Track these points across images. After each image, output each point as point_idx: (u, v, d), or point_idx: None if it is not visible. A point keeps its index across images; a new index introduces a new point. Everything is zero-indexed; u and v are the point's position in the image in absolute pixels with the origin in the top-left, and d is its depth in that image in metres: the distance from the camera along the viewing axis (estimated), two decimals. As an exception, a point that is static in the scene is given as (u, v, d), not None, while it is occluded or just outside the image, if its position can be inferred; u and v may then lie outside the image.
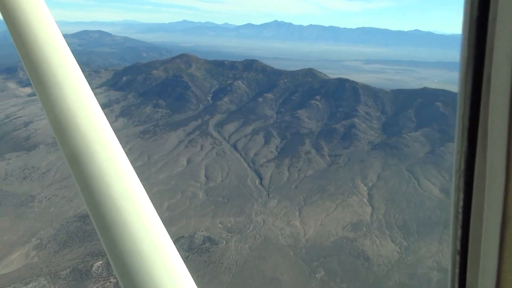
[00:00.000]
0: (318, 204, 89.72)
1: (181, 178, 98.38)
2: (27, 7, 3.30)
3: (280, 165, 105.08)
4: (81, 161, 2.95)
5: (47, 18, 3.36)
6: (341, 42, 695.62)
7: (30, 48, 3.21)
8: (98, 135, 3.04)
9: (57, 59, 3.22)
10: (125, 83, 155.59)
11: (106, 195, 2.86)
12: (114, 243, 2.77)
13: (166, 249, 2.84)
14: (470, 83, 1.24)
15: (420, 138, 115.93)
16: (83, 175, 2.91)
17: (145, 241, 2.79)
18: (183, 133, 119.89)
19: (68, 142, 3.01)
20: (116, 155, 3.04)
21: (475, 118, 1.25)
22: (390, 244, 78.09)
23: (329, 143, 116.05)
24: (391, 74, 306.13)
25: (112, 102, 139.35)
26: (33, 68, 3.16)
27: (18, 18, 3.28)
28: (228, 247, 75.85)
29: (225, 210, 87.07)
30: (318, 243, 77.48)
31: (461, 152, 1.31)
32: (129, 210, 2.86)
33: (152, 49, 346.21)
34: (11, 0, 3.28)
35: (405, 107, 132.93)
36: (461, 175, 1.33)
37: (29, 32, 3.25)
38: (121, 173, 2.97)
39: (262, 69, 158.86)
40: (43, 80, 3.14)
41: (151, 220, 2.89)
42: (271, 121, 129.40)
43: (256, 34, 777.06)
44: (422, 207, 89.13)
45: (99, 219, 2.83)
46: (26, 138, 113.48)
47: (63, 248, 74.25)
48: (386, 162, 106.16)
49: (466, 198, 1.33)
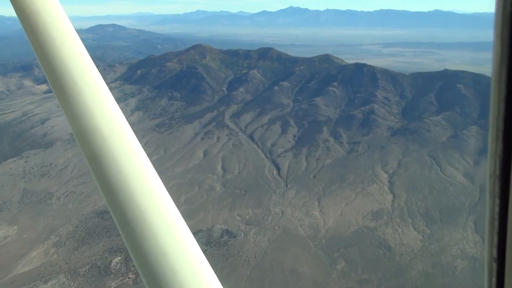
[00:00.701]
0: (337, 193, 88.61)
1: (198, 170, 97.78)
2: (41, 6, 3.38)
3: (298, 154, 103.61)
4: (101, 161, 3.05)
5: (61, 16, 3.44)
6: (358, 26, 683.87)
7: (45, 47, 3.28)
8: (116, 133, 3.14)
9: (72, 58, 3.30)
10: (139, 76, 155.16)
11: (126, 193, 2.96)
12: (137, 242, 2.88)
13: (188, 246, 2.94)
14: (504, 83, 1.21)
15: (442, 122, 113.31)
16: (104, 174, 3.03)
17: (167, 239, 2.88)
18: (199, 125, 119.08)
19: (87, 141, 3.10)
20: (135, 153, 3.13)
21: (510, 120, 1.22)
22: (412, 232, 76.64)
23: (348, 131, 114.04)
24: (411, 57, 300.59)
25: (128, 97, 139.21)
26: (50, 69, 3.25)
27: (32, 16, 3.35)
28: (246, 239, 75.32)
29: (243, 202, 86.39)
30: (338, 233, 76.52)
31: (496, 155, 1.29)
32: (150, 208, 2.95)
33: (166, 40, 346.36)
34: (25, 0, 3.36)
35: (425, 90, 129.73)
36: (496, 180, 1.30)
37: (44, 31, 3.32)
38: (141, 170, 3.07)
39: (277, 57, 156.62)
40: (60, 82, 3.23)
41: (173, 217, 2.99)
42: (288, 110, 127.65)
43: (271, 21, 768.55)
44: (445, 194, 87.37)
45: (121, 218, 2.95)
46: (43, 135, 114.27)
47: (82, 245, 74.75)
48: (407, 148, 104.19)
49: (503, 203, 1.30)
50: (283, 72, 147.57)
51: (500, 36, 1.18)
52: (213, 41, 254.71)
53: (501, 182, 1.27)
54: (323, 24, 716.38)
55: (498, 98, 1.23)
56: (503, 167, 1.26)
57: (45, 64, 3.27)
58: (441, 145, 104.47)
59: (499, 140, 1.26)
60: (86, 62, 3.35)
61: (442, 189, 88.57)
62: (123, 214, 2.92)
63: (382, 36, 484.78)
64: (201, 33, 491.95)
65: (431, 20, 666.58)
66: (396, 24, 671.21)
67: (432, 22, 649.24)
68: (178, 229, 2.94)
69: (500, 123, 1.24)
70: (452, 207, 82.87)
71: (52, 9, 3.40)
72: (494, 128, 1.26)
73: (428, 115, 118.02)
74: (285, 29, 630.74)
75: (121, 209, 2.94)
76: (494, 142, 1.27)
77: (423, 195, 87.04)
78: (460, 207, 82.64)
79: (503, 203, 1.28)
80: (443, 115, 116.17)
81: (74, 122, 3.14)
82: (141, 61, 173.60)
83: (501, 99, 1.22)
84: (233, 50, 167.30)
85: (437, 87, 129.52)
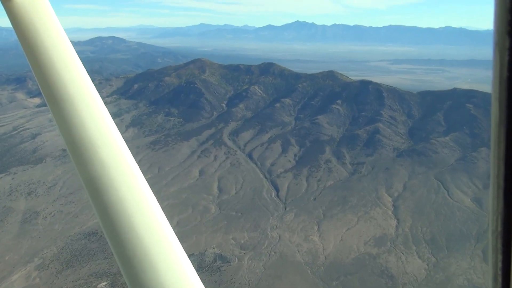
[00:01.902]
0: (338, 217, 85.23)
1: (192, 191, 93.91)
2: (37, 18, 3.40)
3: (298, 175, 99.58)
4: (93, 174, 3.08)
5: (56, 28, 3.47)
6: (367, 42, 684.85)
7: (40, 60, 3.32)
8: (109, 148, 3.18)
9: (67, 71, 3.32)
10: (136, 91, 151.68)
11: (121, 212, 2.99)
12: (131, 264, 2.90)
13: (183, 268, 3.04)
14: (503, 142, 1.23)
15: (450, 144, 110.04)
16: (96, 188, 3.06)
17: (162, 261, 2.94)
18: (196, 143, 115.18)
19: (80, 155, 3.14)
20: (131, 171, 3.18)
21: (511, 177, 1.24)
22: (417, 260, 73.45)
23: (351, 151, 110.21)
24: (420, 75, 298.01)
25: (123, 112, 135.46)
26: (44, 82, 3.30)
27: (28, 29, 3.38)
28: (240, 265, 72.08)
29: (239, 225, 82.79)
30: (338, 260, 73.32)
31: (498, 212, 1.30)
32: (145, 229, 2.99)
33: (167, 54, 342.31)
34: (21, 11, 3.40)
35: (433, 110, 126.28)
36: (499, 236, 1.31)
37: (39, 43, 3.35)
38: (136, 189, 3.11)
39: (280, 72, 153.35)
40: (54, 95, 3.26)
41: (168, 238, 3.09)
42: (289, 128, 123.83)
43: (276, 35, 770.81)
44: (452, 219, 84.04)
45: (114, 237, 2.98)
46: (33, 151, 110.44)
47: (66, 268, 71.16)
48: (413, 170, 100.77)
49: (505, 259, 1.31)
50: (285, 89, 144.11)
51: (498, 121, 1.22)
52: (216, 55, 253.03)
53: (503, 238, 1.29)
54: (330, 40, 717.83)
55: (498, 158, 1.25)
56: (505, 223, 1.28)
57: (40, 77, 3.28)
58: (449, 167, 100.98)
59: (500, 197, 1.27)
60: (80, 75, 3.33)
61: (449, 214, 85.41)
62: (116, 233, 2.92)
63: (391, 52, 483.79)
64: (204, 47, 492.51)
65: (442, 37, 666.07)
66: (406, 41, 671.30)
67: (443, 39, 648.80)
68: (173, 252, 2.99)
69: (500, 180, 1.25)
70: (459, 234, 79.45)
71: (48, 21, 3.38)
72: (495, 185, 1.27)
73: (436, 135, 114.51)
74: (290, 44, 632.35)
75: (114, 229, 2.93)
76: (495, 199, 1.29)
77: (429, 221, 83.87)
78: (467, 234, 79.16)
79: (506, 259, 1.30)
80: (451, 136, 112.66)
81: (67, 136, 3.15)
82: (139, 75, 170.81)
83: (501, 158, 1.24)
84: (234, 65, 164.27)
85: (446, 106, 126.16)
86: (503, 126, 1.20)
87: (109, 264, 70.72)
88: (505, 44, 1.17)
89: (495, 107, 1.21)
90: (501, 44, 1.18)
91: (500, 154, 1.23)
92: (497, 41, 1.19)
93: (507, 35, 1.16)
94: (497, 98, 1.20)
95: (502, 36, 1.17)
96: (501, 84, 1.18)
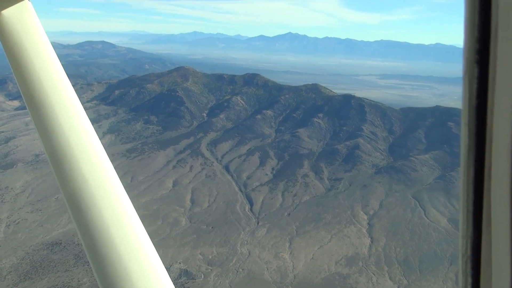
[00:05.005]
0: (311, 234, 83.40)
1: (164, 202, 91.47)
2: (19, 22, 3.46)
3: (274, 189, 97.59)
4: (70, 179, 3.13)
5: (38, 32, 3.52)
6: (357, 56, 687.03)
7: (21, 63, 3.37)
8: (87, 153, 3.25)
9: (47, 75, 3.36)
10: (117, 97, 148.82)
11: (97, 218, 3.06)
12: (106, 274, 2.91)
13: (160, 279, 3.01)
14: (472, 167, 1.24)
15: (430, 162, 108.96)
16: (73, 192, 3.11)
17: (138, 272, 2.95)
18: (173, 152, 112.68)
19: (58, 160, 3.18)
20: (108, 177, 3.33)
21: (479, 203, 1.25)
22: (388, 282, 71.91)
23: (330, 166, 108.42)
24: (407, 90, 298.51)
25: (101, 118, 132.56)
26: (24, 85, 3.37)
27: (10, 31, 3.43)
28: (206, 282, 69.97)
29: (208, 240, 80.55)
30: (307, 280, 71.43)
31: (467, 236, 1.31)
32: (121, 237, 3.05)
33: (156, 61, 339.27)
34: (5, 21, 3.45)
35: (415, 127, 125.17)
36: (468, 260, 1.32)
37: (20, 46, 3.41)
38: (113, 196, 3.27)
39: (263, 84, 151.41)
40: (34, 99, 3.30)
41: (144, 248, 3.11)
42: (269, 140, 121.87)
43: (268, 46, 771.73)
44: (427, 240, 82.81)
45: (90, 244, 3.01)
46: (5, 155, 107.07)
47: (24, 280, 68.64)
48: (390, 188, 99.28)
49: (474, 283, 1.31)
50: (267, 100, 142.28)
51: None
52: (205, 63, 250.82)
53: (473, 262, 1.30)
54: (321, 52, 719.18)
55: (467, 183, 1.26)
56: (474, 247, 1.28)
57: (21, 81, 3.35)
58: (427, 186, 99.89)
59: (470, 222, 1.29)
60: (61, 81, 3.37)
61: (424, 235, 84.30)
62: (89, 231, 2.98)
63: (380, 67, 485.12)
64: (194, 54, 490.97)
65: (432, 54, 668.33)
66: (396, 56, 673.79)
67: (433, 56, 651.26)
68: (148, 259, 2.99)
69: (470, 205, 1.27)
70: (433, 255, 78.11)
71: (30, 25, 3.44)
72: (465, 209, 1.30)
73: (416, 153, 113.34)
74: (282, 55, 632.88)
75: (89, 230, 2.99)
76: (464, 223, 1.30)
77: (403, 241, 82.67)
78: (441, 256, 77.90)
79: (475, 283, 1.30)
80: (431, 154, 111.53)
81: (46, 141, 3.21)
82: (121, 81, 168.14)
83: (470, 183, 1.25)
84: (218, 74, 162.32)
85: (428, 124, 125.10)
86: (472, 152, 1.22)
87: (69, 277, 68.14)
88: (474, 73, 1.18)
89: (465, 134, 1.23)
90: (470, 72, 1.19)
91: (469, 179, 1.24)
92: (466, 70, 1.21)
93: (476, 64, 1.18)
94: (466, 124, 1.22)
95: (471, 65, 1.18)
96: (470, 112, 1.19)
